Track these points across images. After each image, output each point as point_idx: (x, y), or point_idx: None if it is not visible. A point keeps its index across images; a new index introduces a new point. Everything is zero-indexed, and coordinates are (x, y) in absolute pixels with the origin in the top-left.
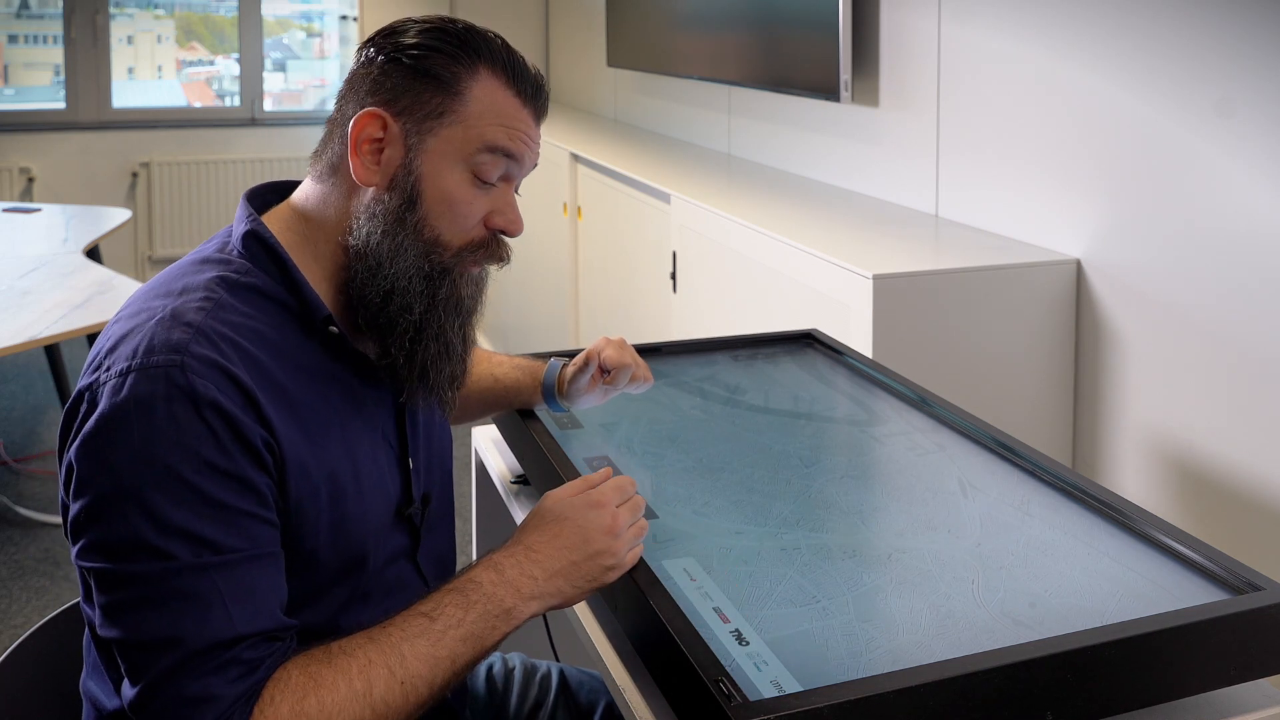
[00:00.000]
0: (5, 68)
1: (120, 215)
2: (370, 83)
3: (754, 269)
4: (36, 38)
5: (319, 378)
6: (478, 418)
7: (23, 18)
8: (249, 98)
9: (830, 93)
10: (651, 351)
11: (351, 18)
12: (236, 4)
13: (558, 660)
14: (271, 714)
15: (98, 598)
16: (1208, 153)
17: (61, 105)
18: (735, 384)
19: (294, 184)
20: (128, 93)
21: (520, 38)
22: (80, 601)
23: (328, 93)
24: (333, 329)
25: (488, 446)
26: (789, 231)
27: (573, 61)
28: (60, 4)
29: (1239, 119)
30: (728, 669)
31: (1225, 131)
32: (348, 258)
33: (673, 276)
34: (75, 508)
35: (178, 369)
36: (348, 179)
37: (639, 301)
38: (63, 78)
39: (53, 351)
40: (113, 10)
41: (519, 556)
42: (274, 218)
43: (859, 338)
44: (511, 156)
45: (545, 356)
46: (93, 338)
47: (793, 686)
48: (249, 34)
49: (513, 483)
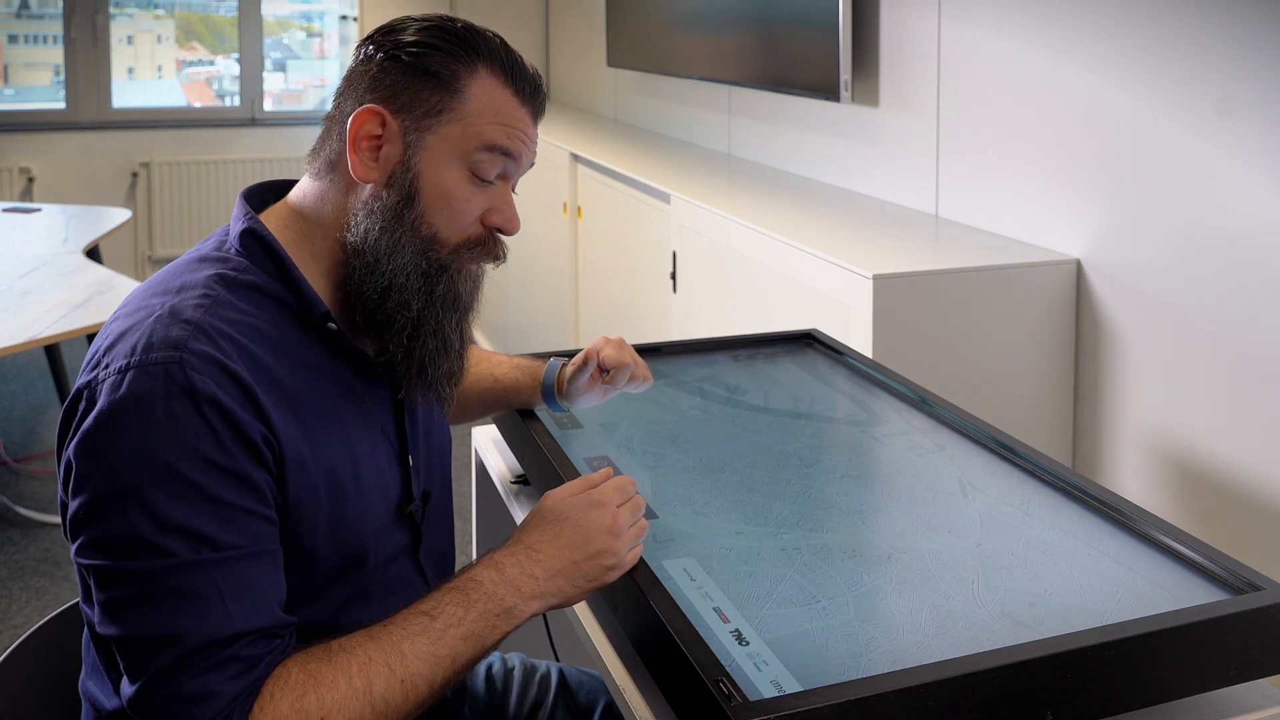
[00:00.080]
0: (5, 68)
1: (120, 215)
2: (369, 80)
3: (754, 269)
4: (36, 38)
5: (318, 375)
6: (477, 418)
7: (23, 18)
8: (249, 98)
9: (830, 93)
10: (651, 351)
11: (351, 18)
12: (236, 4)
13: (558, 660)
14: (271, 711)
15: (96, 595)
16: (1208, 153)
17: (61, 105)
18: (735, 384)
19: (291, 183)
20: (128, 93)
21: (520, 38)
22: (80, 601)
23: (328, 93)
24: (331, 325)
25: (488, 446)
26: (789, 231)
27: (573, 61)
28: (60, 4)
29: (1239, 119)
30: (728, 669)
31: (1225, 131)
32: (345, 254)
33: (673, 276)
34: (74, 505)
35: (176, 365)
36: (346, 176)
37: (639, 301)
38: (63, 78)
39: (53, 351)
40: (113, 10)
41: (520, 556)
42: (271, 216)
43: (859, 338)
44: (509, 155)
45: (545, 356)
46: (93, 337)
47: (793, 686)
48: (249, 34)
49: (513, 483)
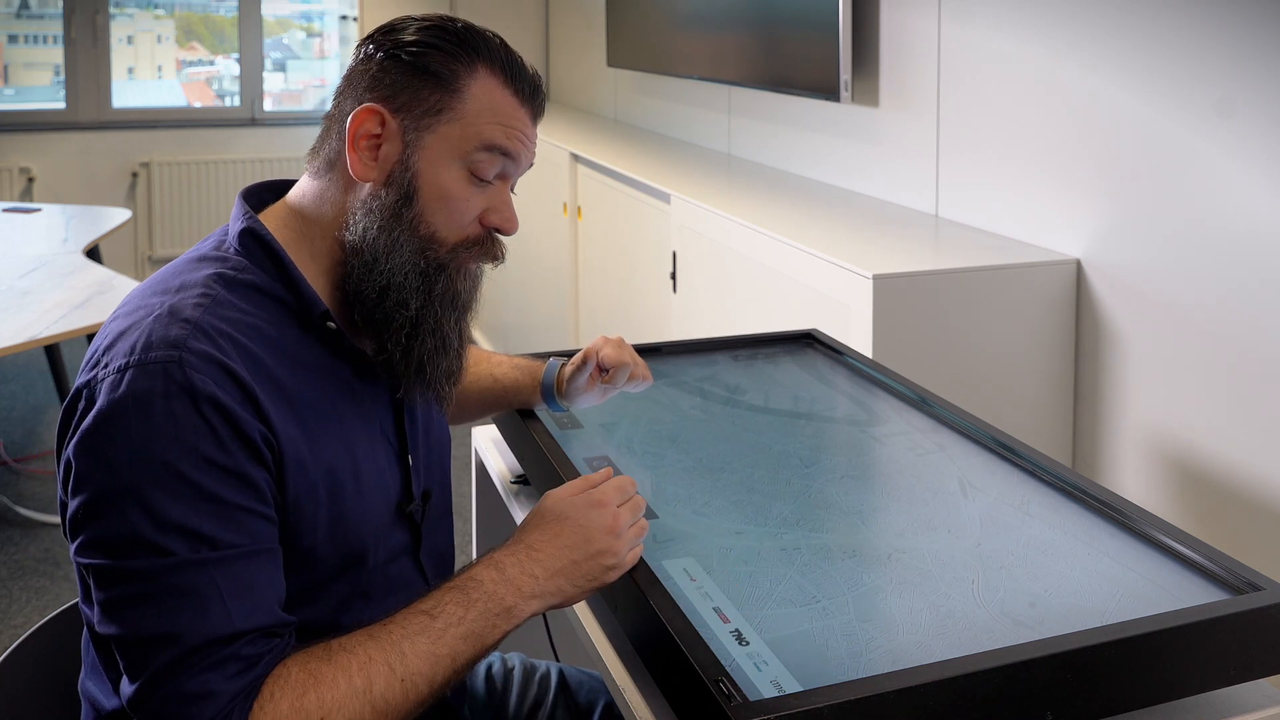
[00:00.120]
0: (5, 68)
1: (120, 215)
2: (369, 79)
3: (754, 269)
4: (36, 38)
5: (317, 374)
6: (477, 418)
7: (23, 18)
8: (249, 98)
9: (830, 93)
10: (651, 351)
11: (351, 18)
12: (236, 4)
13: (558, 660)
14: (271, 710)
15: (96, 594)
16: (1208, 153)
17: (61, 105)
18: (735, 384)
19: (290, 183)
20: (128, 93)
21: (520, 38)
22: (79, 601)
23: (328, 93)
24: (330, 325)
25: (488, 446)
26: (789, 231)
27: (573, 61)
28: (60, 4)
29: (1239, 119)
30: (728, 669)
31: (1225, 131)
32: (344, 253)
33: (673, 276)
34: (74, 505)
35: (176, 365)
36: (345, 175)
37: (639, 301)
38: (63, 78)
39: (53, 351)
40: (113, 10)
41: (520, 555)
42: (270, 215)
43: (859, 338)
44: (508, 155)
45: (544, 356)
46: (93, 337)
47: (793, 686)
48: (249, 34)
49: (513, 483)
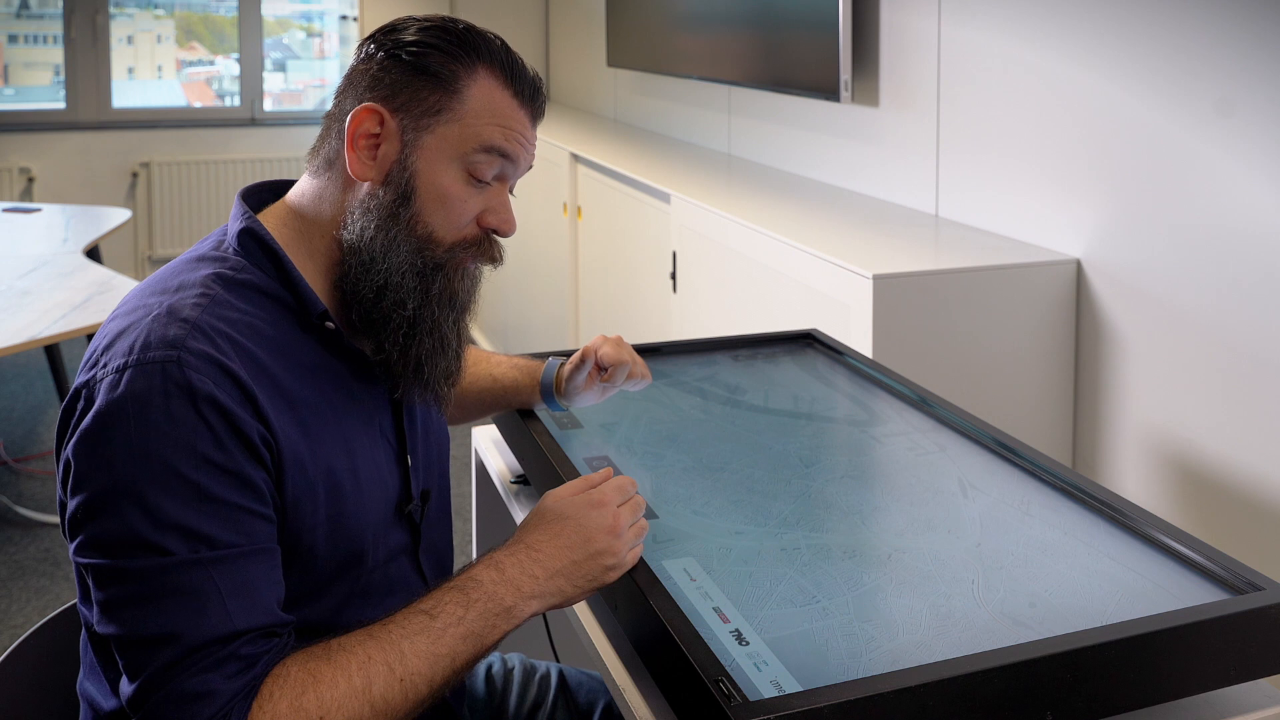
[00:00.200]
0: (5, 68)
1: (120, 215)
2: (369, 79)
3: (754, 269)
4: (36, 38)
5: (316, 374)
6: (476, 418)
7: (23, 18)
8: (249, 98)
9: (830, 93)
10: (651, 351)
11: (351, 18)
12: (236, 4)
13: (557, 660)
14: (270, 710)
15: (95, 594)
16: (1208, 153)
17: (61, 105)
18: (735, 384)
19: (289, 183)
20: (128, 93)
21: (520, 38)
22: (78, 601)
23: (327, 93)
24: (329, 324)
25: (488, 446)
26: (789, 231)
27: (573, 61)
28: (60, 4)
29: (1239, 119)
30: (728, 669)
31: (1225, 131)
32: (342, 253)
33: (673, 276)
34: (73, 504)
35: (174, 364)
36: (343, 174)
37: (639, 301)
38: (63, 78)
39: (53, 351)
40: (113, 10)
41: (520, 555)
42: (269, 215)
43: (859, 338)
44: (507, 157)
45: (544, 356)
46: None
47: (793, 686)
48: (249, 34)
49: (513, 483)
